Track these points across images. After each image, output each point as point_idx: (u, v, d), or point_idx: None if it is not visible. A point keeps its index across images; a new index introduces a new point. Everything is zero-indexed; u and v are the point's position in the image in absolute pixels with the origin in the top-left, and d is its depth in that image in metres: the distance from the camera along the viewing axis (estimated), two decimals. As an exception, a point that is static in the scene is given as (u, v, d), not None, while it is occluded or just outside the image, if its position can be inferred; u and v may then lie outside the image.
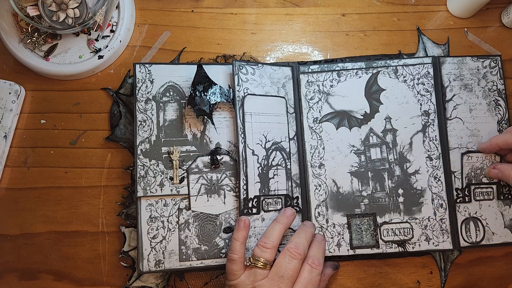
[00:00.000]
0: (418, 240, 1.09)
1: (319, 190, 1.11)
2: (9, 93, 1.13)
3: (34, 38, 1.16)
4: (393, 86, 1.14)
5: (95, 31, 1.18)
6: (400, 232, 1.09)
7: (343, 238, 1.10)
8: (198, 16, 1.22)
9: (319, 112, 1.14)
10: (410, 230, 1.10)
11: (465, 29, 1.22)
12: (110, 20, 1.18)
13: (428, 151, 1.12)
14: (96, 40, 1.18)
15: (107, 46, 1.17)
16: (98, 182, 1.15)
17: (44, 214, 1.14)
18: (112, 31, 1.18)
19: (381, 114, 1.13)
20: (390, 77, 1.14)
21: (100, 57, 1.16)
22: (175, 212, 1.08)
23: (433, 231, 1.09)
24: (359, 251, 1.10)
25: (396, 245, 1.09)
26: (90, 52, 1.17)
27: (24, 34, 1.16)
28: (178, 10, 1.22)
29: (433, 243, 1.09)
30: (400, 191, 1.11)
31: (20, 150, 1.16)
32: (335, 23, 1.23)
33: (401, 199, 1.11)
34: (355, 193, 1.12)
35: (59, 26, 1.10)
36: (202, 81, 1.10)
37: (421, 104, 1.13)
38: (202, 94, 1.09)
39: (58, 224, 1.13)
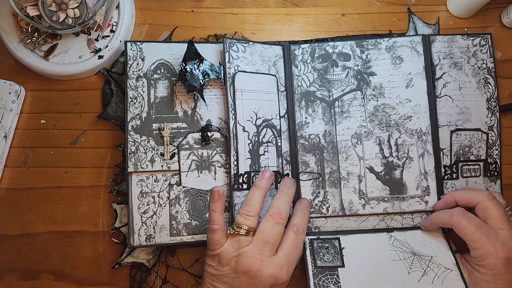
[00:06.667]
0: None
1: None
2: (9, 93, 1.13)
3: (34, 38, 1.15)
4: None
5: (95, 31, 1.17)
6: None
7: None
8: (198, 16, 1.22)
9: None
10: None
11: (465, 29, 1.22)
12: (110, 20, 1.17)
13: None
14: (96, 40, 1.17)
15: (107, 46, 1.16)
16: (98, 182, 1.15)
17: (44, 214, 1.14)
18: (112, 31, 1.18)
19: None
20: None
21: (100, 57, 1.15)
22: (166, 187, 1.09)
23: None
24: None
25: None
26: (90, 52, 1.17)
27: (24, 34, 1.15)
28: (178, 10, 1.22)
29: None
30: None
31: (20, 150, 1.16)
32: (335, 23, 1.22)
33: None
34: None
35: (59, 26, 1.10)
36: (193, 57, 1.10)
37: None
38: (193, 70, 1.09)
39: (58, 224, 1.13)
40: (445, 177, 1.12)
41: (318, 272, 1.01)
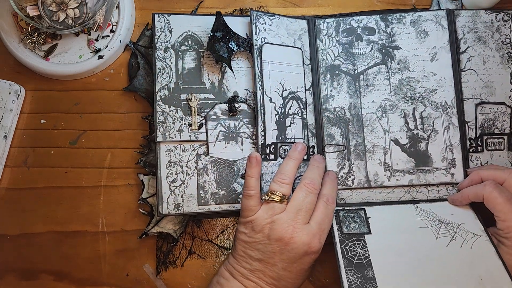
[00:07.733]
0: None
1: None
2: (9, 93, 1.13)
3: (34, 38, 1.15)
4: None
5: (95, 31, 1.17)
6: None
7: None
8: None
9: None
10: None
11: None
12: (110, 20, 1.18)
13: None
14: (96, 40, 1.17)
15: (107, 46, 1.16)
16: (98, 182, 1.14)
17: (44, 214, 1.12)
18: (112, 31, 1.18)
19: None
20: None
21: (100, 57, 1.15)
22: (194, 157, 1.10)
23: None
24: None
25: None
26: (90, 52, 1.17)
27: (24, 34, 1.15)
28: (178, 10, 1.23)
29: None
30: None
31: (20, 150, 1.15)
32: (335, 24, 1.23)
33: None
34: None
35: (59, 26, 1.10)
36: (221, 28, 1.12)
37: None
38: (221, 41, 1.11)
39: (58, 224, 1.12)
40: (470, 150, 1.12)
41: (345, 238, 1.00)
